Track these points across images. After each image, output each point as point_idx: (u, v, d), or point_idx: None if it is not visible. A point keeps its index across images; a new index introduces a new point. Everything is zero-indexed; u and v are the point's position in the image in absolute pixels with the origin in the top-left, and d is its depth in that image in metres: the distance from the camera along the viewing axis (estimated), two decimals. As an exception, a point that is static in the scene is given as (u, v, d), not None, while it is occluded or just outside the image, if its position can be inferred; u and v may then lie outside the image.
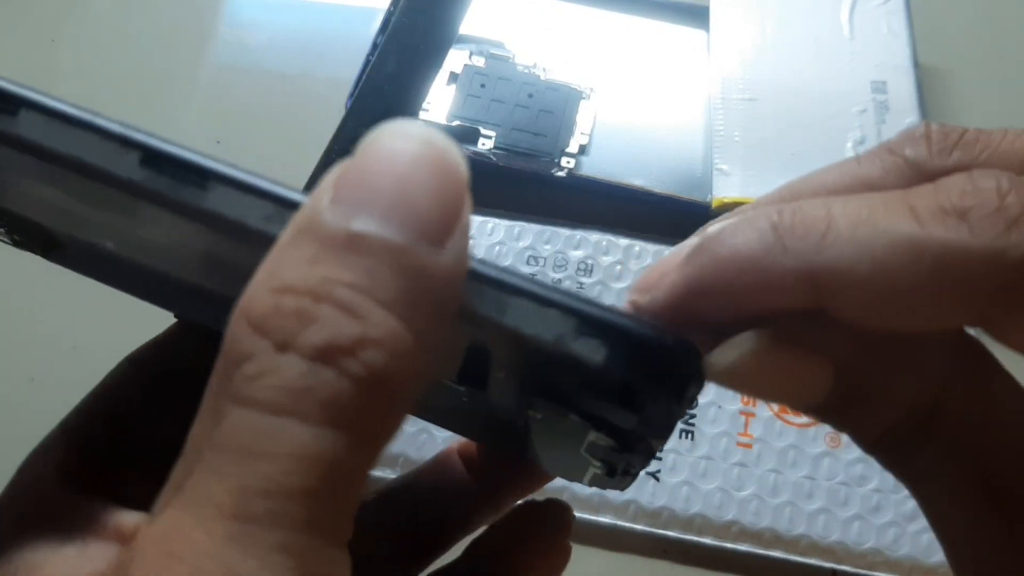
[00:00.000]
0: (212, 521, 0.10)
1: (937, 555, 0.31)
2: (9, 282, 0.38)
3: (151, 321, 0.38)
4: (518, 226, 0.37)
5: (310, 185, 0.27)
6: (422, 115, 0.39)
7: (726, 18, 0.41)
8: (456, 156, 0.11)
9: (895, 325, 0.12)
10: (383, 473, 0.33)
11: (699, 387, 0.12)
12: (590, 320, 0.12)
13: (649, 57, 0.42)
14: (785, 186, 0.15)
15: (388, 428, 0.11)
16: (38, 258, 0.39)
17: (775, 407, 0.33)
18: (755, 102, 0.39)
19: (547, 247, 0.36)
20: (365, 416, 0.10)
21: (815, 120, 0.38)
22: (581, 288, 0.36)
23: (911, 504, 0.31)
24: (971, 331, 0.13)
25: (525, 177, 0.38)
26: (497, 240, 0.36)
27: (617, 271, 0.36)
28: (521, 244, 0.36)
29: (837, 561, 0.31)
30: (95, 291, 0.39)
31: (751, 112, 0.38)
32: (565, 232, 0.37)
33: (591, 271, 0.36)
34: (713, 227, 0.13)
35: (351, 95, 0.40)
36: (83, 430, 0.17)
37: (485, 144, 0.38)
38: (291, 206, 0.12)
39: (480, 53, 0.41)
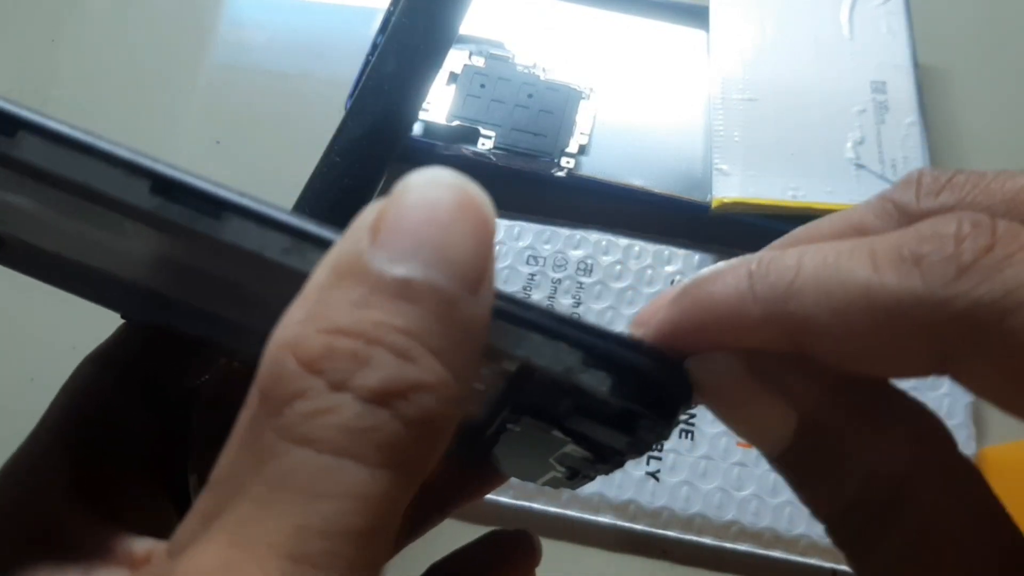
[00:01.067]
0: (266, 560, 0.10)
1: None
2: (9, 282, 0.38)
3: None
4: (518, 226, 0.37)
5: (309, 186, 0.27)
6: (422, 115, 0.39)
7: (726, 18, 0.41)
8: (487, 205, 0.12)
9: (858, 369, 0.12)
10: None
11: (687, 409, 0.13)
12: (596, 353, 0.12)
13: (649, 57, 0.42)
14: (788, 234, 0.15)
15: (431, 465, 0.11)
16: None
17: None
18: (755, 102, 0.39)
19: (547, 247, 0.36)
20: (415, 456, 0.11)
21: (815, 120, 0.38)
22: (581, 288, 0.36)
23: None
24: (935, 413, 0.13)
25: (525, 177, 0.38)
26: (497, 240, 0.36)
27: (617, 271, 0.36)
28: (521, 244, 0.36)
29: (837, 561, 0.31)
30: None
31: (751, 112, 0.38)
32: (565, 232, 0.37)
33: (591, 271, 0.36)
34: (703, 271, 0.14)
35: (351, 95, 0.40)
36: (79, 439, 0.16)
37: (485, 144, 0.38)
38: (314, 240, 0.12)
39: (480, 53, 0.41)
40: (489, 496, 0.32)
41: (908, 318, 0.11)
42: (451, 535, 0.32)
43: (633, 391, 0.13)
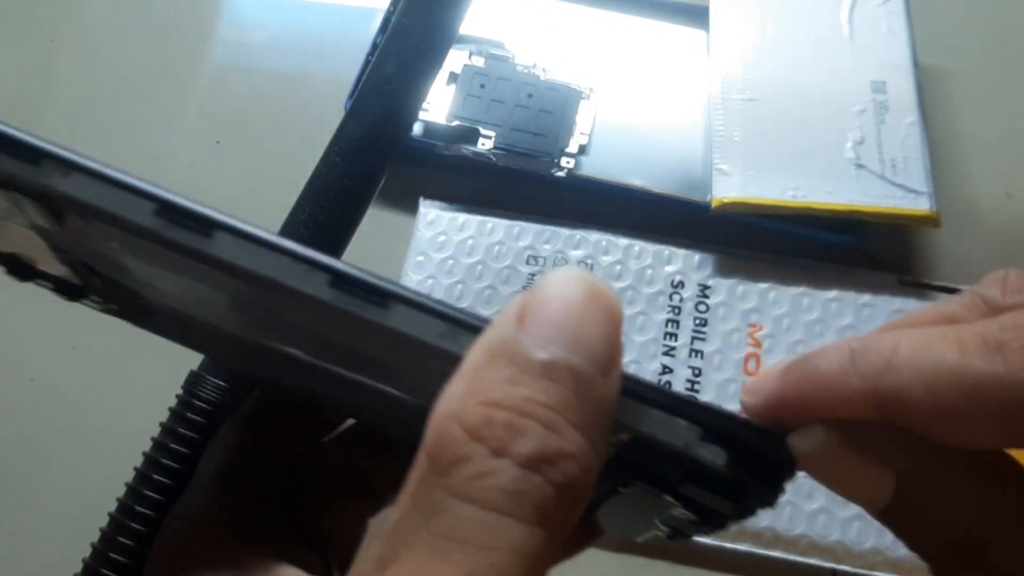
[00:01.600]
0: None
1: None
2: (9, 283, 0.38)
3: (151, 321, 0.38)
4: (518, 226, 0.37)
5: (309, 186, 0.27)
6: (422, 115, 0.39)
7: (726, 18, 0.41)
8: (615, 299, 0.14)
9: (943, 439, 0.14)
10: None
11: (791, 479, 0.15)
12: (714, 429, 0.14)
13: (649, 57, 0.42)
14: (888, 322, 0.17)
15: (572, 524, 0.13)
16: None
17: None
18: (755, 102, 0.39)
19: (547, 247, 0.36)
20: (562, 516, 0.13)
21: (815, 120, 0.38)
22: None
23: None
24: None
25: (525, 177, 0.38)
26: (497, 240, 0.36)
27: (617, 271, 0.36)
28: (521, 244, 0.36)
29: (837, 561, 0.31)
30: (95, 291, 0.39)
31: (751, 112, 0.38)
32: (565, 232, 0.37)
33: (591, 271, 0.36)
34: (811, 349, 0.16)
35: (351, 95, 0.40)
36: (230, 490, 0.20)
37: (485, 144, 0.38)
38: (467, 327, 0.14)
39: (480, 53, 0.41)
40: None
41: (990, 398, 0.13)
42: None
43: (746, 464, 0.14)
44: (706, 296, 0.35)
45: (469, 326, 0.14)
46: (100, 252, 0.15)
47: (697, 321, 0.35)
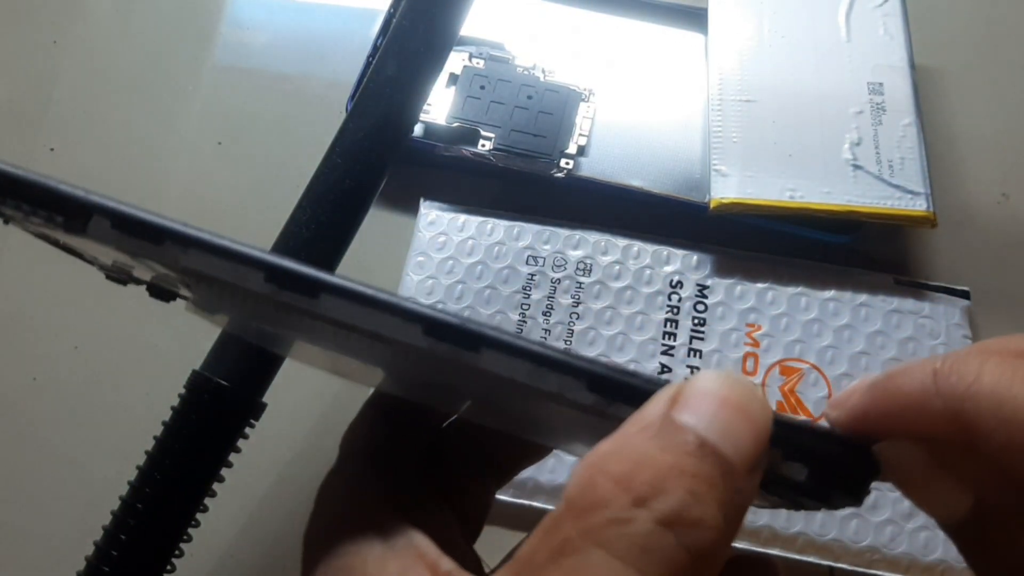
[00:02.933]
0: None
1: (934, 553, 0.31)
2: (12, 282, 0.39)
3: (151, 323, 0.39)
4: (517, 226, 0.37)
5: (311, 188, 0.27)
6: (422, 116, 0.39)
7: (724, 21, 0.42)
8: (767, 409, 0.14)
9: (1017, 467, 0.14)
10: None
11: (874, 484, 0.16)
12: (793, 448, 0.15)
13: (647, 60, 0.42)
14: (979, 344, 0.17)
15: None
16: (38, 259, 0.39)
17: (773, 405, 0.33)
18: (753, 103, 0.39)
19: (546, 247, 0.37)
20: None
21: (812, 121, 0.38)
22: (580, 288, 0.36)
23: (908, 502, 0.32)
24: None
25: (524, 178, 0.38)
26: (497, 240, 0.37)
27: (616, 271, 0.36)
28: (520, 244, 0.37)
29: (835, 559, 0.31)
30: (96, 292, 0.39)
31: (749, 113, 0.39)
32: (564, 232, 0.37)
33: (590, 271, 0.36)
34: (897, 366, 0.16)
35: (351, 97, 0.40)
36: (377, 458, 0.20)
37: (485, 145, 0.39)
38: (552, 364, 0.15)
39: (480, 55, 0.41)
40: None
41: None
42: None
43: (827, 476, 0.15)
44: (704, 296, 0.36)
45: (554, 363, 0.15)
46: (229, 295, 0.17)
47: (695, 321, 0.35)
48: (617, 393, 0.15)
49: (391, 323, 0.15)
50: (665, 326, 0.35)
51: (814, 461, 0.15)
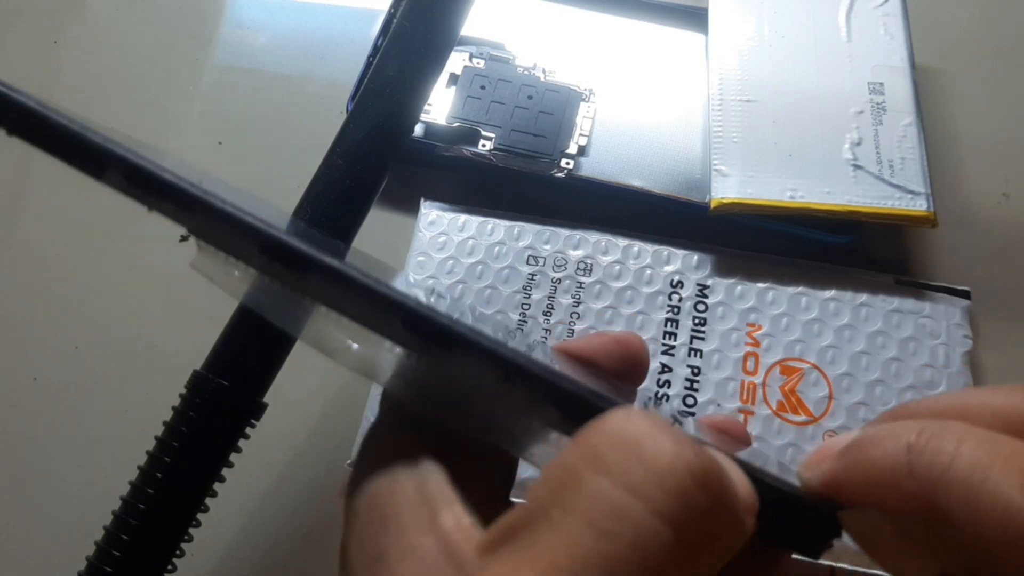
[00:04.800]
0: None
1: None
2: (12, 282, 0.39)
3: (149, 323, 0.39)
4: (518, 226, 0.37)
5: (311, 188, 0.27)
6: (423, 116, 0.39)
7: (724, 20, 0.42)
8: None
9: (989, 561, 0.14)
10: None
11: (831, 543, 0.16)
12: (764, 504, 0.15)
13: (648, 60, 0.42)
14: (955, 396, 0.17)
15: (708, 552, 0.13)
16: (40, 258, 0.39)
17: (773, 405, 0.33)
18: (753, 103, 0.39)
19: (547, 247, 0.37)
20: (699, 530, 0.13)
21: (813, 121, 0.38)
22: (580, 288, 0.36)
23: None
24: None
25: (525, 178, 0.38)
26: (497, 240, 0.37)
27: (616, 271, 0.36)
28: (521, 244, 0.37)
29: (835, 559, 0.31)
30: (96, 292, 0.39)
31: (749, 113, 0.39)
32: (564, 232, 0.37)
33: (590, 271, 0.36)
34: (868, 431, 0.15)
35: (352, 97, 0.41)
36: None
37: (485, 145, 0.39)
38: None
39: (480, 55, 0.41)
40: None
41: None
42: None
43: (781, 536, 0.15)
44: (705, 296, 0.36)
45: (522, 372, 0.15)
46: None
47: (696, 321, 0.35)
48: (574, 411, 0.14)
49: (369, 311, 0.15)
50: (666, 326, 0.35)
51: (774, 521, 0.15)
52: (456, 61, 0.41)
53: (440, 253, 0.37)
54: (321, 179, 0.27)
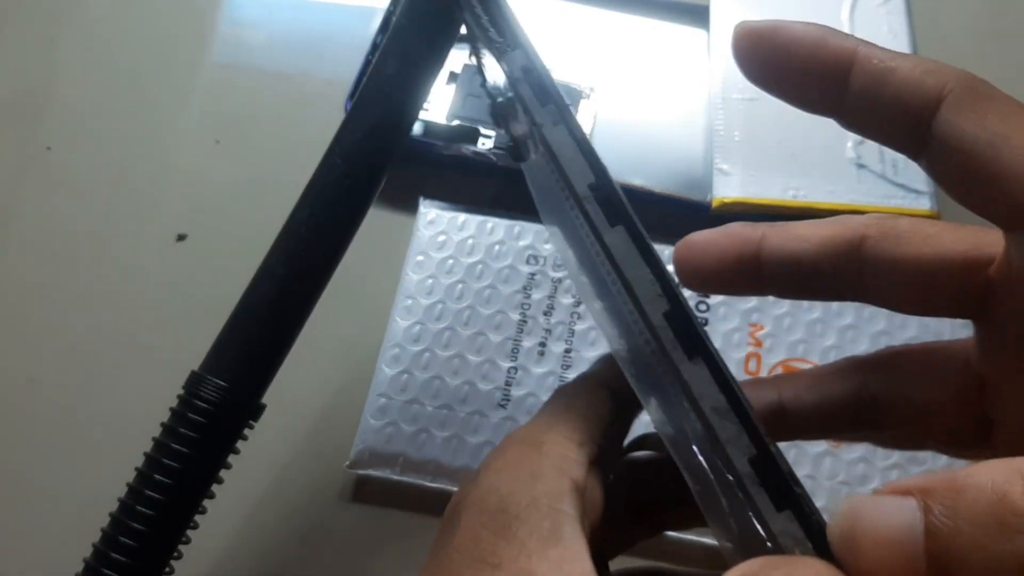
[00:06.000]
0: None
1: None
2: (9, 282, 0.38)
3: (146, 324, 0.38)
4: (518, 225, 0.37)
5: (310, 188, 0.27)
6: (422, 115, 0.39)
7: (726, 17, 0.41)
8: None
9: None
10: (382, 473, 0.33)
11: None
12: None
13: (649, 57, 0.42)
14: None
15: None
16: (36, 258, 0.39)
17: (776, 407, 0.33)
18: (755, 102, 0.39)
19: (547, 247, 0.36)
20: None
21: (815, 120, 0.38)
22: (581, 288, 0.36)
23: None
24: None
25: (525, 177, 0.38)
26: (497, 239, 0.36)
27: (617, 271, 0.36)
28: (521, 243, 0.36)
29: (838, 561, 0.31)
30: (92, 292, 0.39)
31: (751, 112, 0.38)
32: (565, 232, 0.37)
33: (591, 271, 0.36)
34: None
35: (351, 96, 0.40)
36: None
37: (485, 144, 0.38)
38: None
39: (480, 53, 0.41)
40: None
41: None
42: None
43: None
44: (707, 296, 0.35)
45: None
46: None
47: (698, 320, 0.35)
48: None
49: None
50: (667, 326, 0.35)
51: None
52: (456, 59, 0.40)
53: (440, 252, 0.36)
54: (320, 178, 0.27)
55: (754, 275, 0.21)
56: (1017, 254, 0.16)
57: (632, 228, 0.17)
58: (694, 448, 0.16)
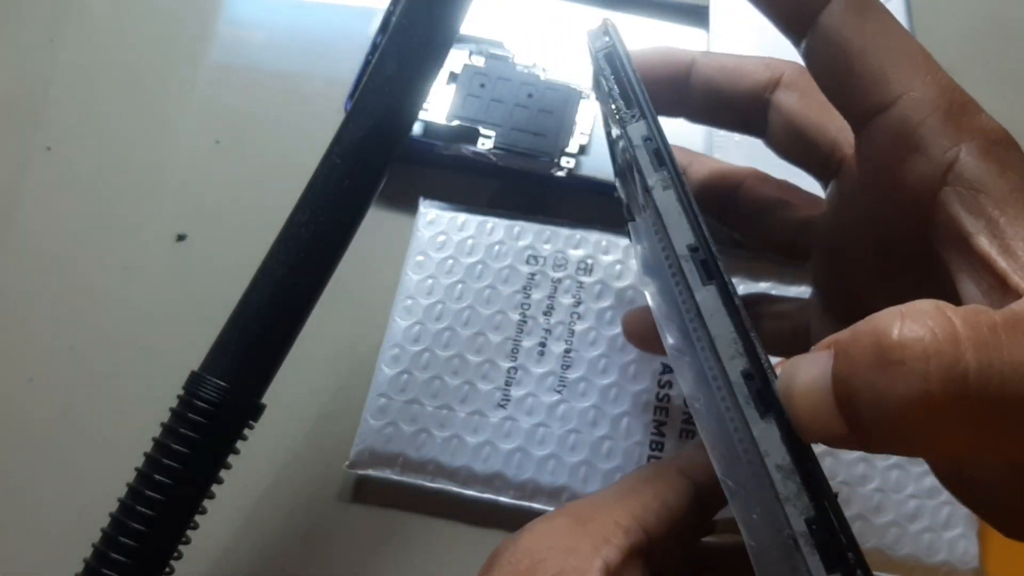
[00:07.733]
0: None
1: (939, 555, 0.31)
2: (7, 282, 0.38)
3: (146, 324, 0.38)
4: (518, 225, 0.37)
5: (310, 188, 0.27)
6: (422, 115, 0.38)
7: (726, 18, 0.41)
8: None
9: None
10: (382, 473, 0.33)
11: None
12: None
13: (649, 57, 0.42)
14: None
15: None
16: (36, 258, 0.39)
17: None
18: (755, 102, 0.39)
19: (547, 247, 0.36)
20: None
21: (815, 120, 0.38)
22: (581, 287, 0.35)
23: (912, 504, 0.31)
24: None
25: (525, 177, 0.38)
26: (497, 240, 0.36)
27: (617, 270, 0.36)
28: (521, 243, 0.36)
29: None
30: (92, 292, 0.39)
31: (751, 112, 0.38)
32: (565, 232, 0.37)
33: (591, 270, 0.36)
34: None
35: (350, 96, 0.40)
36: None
37: (485, 144, 0.38)
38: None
39: (480, 53, 0.41)
40: (489, 496, 0.32)
41: None
42: (453, 536, 0.32)
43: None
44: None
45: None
46: None
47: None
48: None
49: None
50: (667, 326, 0.35)
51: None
52: (455, 59, 0.40)
53: (439, 252, 0.36)
54: (319, 178, 0.27)
55: (682, 98, 0.25)
56: (866, 147, 0.20)
57: (723, 288, 0.18)
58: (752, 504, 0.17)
